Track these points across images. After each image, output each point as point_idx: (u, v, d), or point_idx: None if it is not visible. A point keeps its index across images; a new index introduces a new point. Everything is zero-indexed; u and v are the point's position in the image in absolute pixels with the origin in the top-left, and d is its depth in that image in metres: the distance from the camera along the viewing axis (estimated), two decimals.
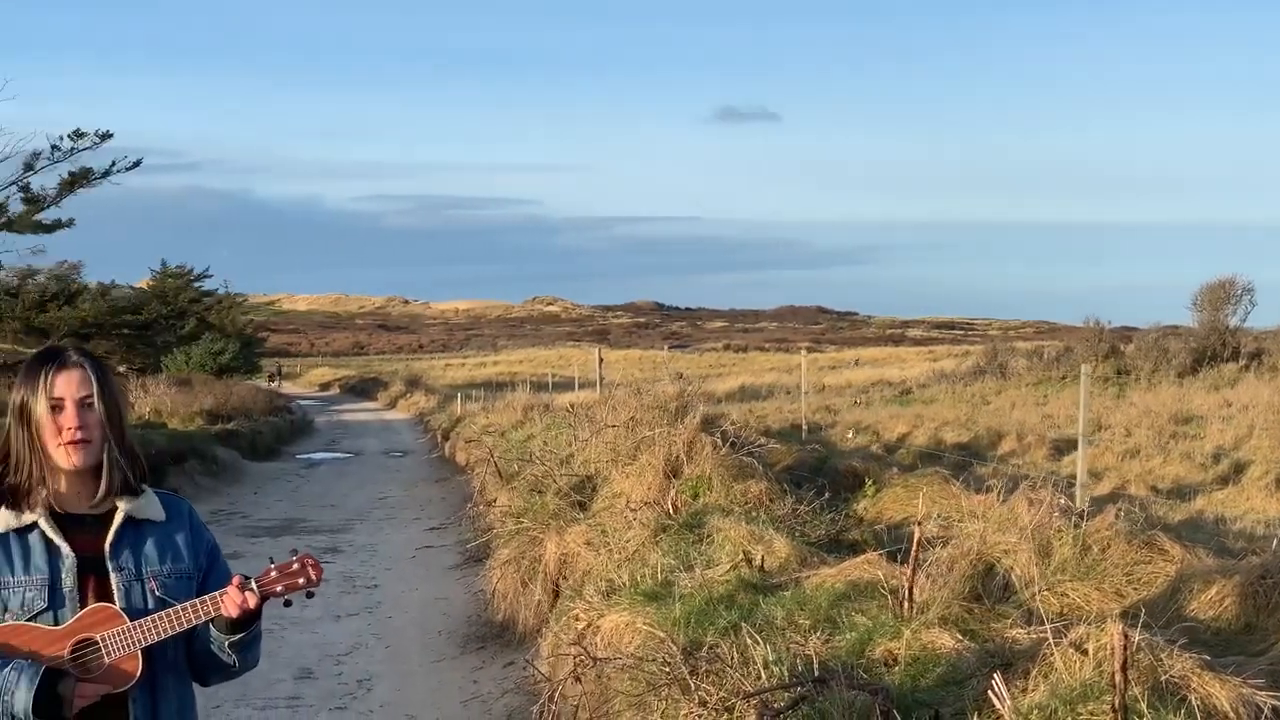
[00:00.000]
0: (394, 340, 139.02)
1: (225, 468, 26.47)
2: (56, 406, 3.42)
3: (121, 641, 3.34)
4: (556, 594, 9.68)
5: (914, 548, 6.43)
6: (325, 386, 74.43)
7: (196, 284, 60.77)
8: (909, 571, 6.40)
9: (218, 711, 8.56)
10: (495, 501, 14.45)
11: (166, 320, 52.79)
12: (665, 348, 64.76)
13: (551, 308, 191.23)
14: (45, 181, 34.00)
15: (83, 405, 3.44)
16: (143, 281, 59.19)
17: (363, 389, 67.70)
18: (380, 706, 8.89)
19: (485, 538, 12.72)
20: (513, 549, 10.71)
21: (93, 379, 3.47)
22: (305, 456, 33.20)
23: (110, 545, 3.45)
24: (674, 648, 5.80)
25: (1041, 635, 5.49)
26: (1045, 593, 6.79)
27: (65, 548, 3.41)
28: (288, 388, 64.38)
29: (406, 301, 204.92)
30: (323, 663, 9.95)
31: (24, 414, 3.45)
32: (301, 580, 3.55)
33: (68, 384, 3.44)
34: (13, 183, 33.79)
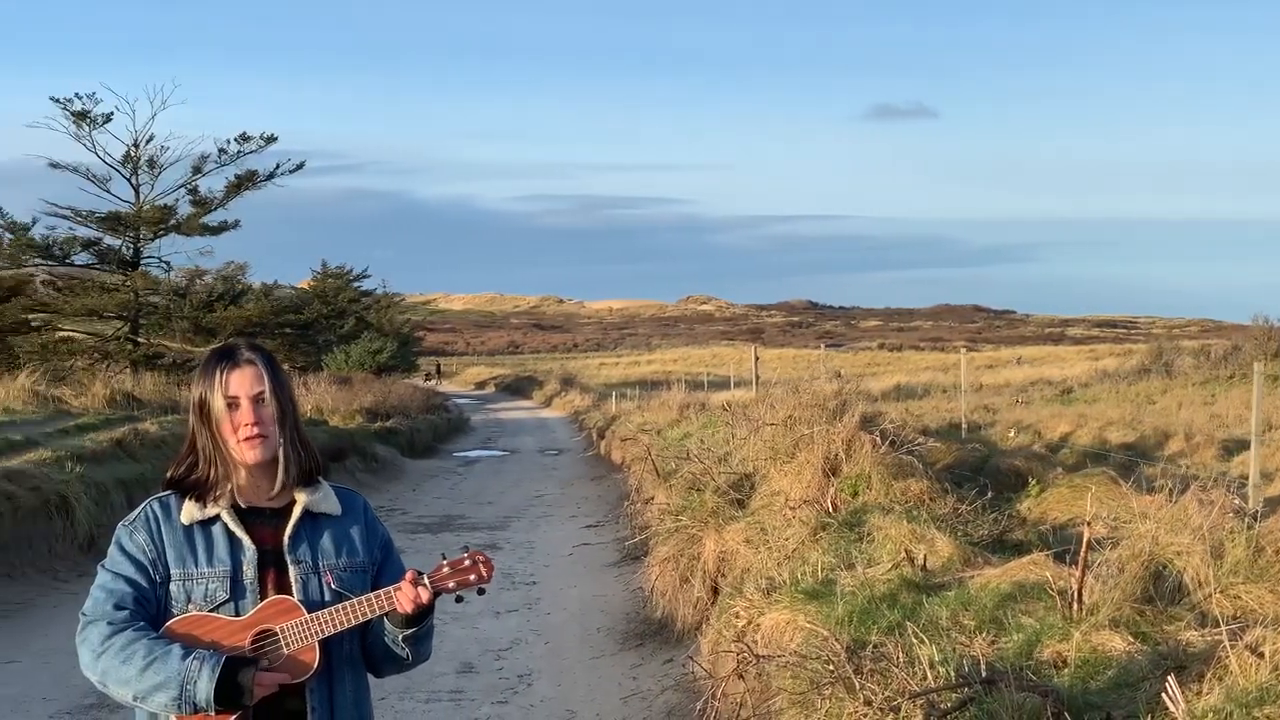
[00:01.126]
0: (548, 339, 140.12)
1: (384, 465, 26.90)
2: (232, 404, 3.49)
3: (300, 633, 3.40)
4: (715, 591, 9.67)
5: (1083, 548, 6.31)
6: (481, 385, 75.23)
7: (356, 284, 61.86)
8: (1078, 572, 6.28)
9: (383, 704, 8.70)
10: (653, 499, 14.48)
11: (327, 320, 53.84)
12: (822, 346, 64.36)
13: (705, 307, 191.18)
14: (212, 184, 34.90)
15: (257, 401, 3.50)
16: (304, 282, 60.40)
17: (518, 387, 68.33)
18: (541, 701, 8.96)
19: (643, 535, 12.75)
20: (671, 546, 10.72)
21: (265, 375, 3.54)
22: (462, 454, 33.61)
23: (289, 538, 3.52)
24: (838, 646, 5.76)
25: (1216, 638, 5.36)
26: (1218, 595, 6.62)
27: (246, 540, 3.48)
28: (444, 386, 65.21)
29: (561, 301, 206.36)
30: (484, 657, 10.06)
31: (203, 411, 3.52)
32: (473, 576, 3.59)
33: (241, 381, 3.51)
34: (181, 186, 34.73)
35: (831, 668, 5.63)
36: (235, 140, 34.18)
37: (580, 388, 57.31)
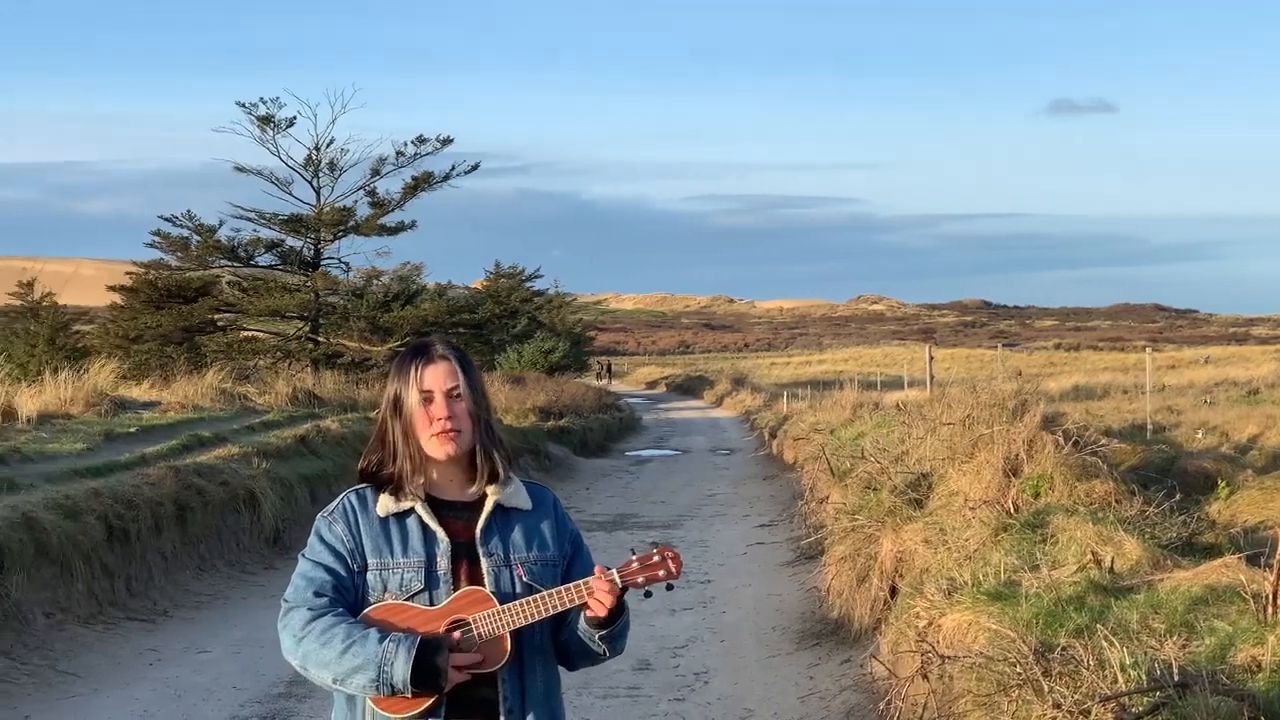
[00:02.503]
0: (719, 339, 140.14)
1: (558, 463, 27.16)
2: (426, 399, 3.56)
3: (492, 624, 3.46)
4: (892, 592, 9.59)
5: (1278, 552, 6.13)
6: (652, 385, 75.50)
7: (528, 284, 62.51)
8: (1273, 576, 6.10)
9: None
10: (827, 498, 14.40)
11: (500, 319, 54.49)
12: (999, 346, 63.43)
13: (876, 306, 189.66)
14: (390, 186, 35.50)
15: (451, 397, 3.57)
16: (477, 282, 61.26)
17: (688, 387, 68.44)
18: (718, 699, 8.97)
19: (818, 535, 12.69)
20: (848, 546, 10.66)
21: (459, 371, 3.60)
22: (634, 453, 33.77)
23: (481, 531, 3.58)
24: (1025, 648, 5.67)
25: None
26: None
27: (440, 532, 3.55)
28: (615, 386, 65.54)
29: (731, 300, 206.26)
30: (660, 655, 10.09)
31: (397, 406, 3.60)
32: (661, 572, 3.60)
33: (435, 377, 3.57)
34: (360, 188, 35.38)
35: (1019, 669, 5.55)
36: (412, 143, 34.76)
37: (751, 387, 57.23)
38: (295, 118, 34.14)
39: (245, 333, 36.44)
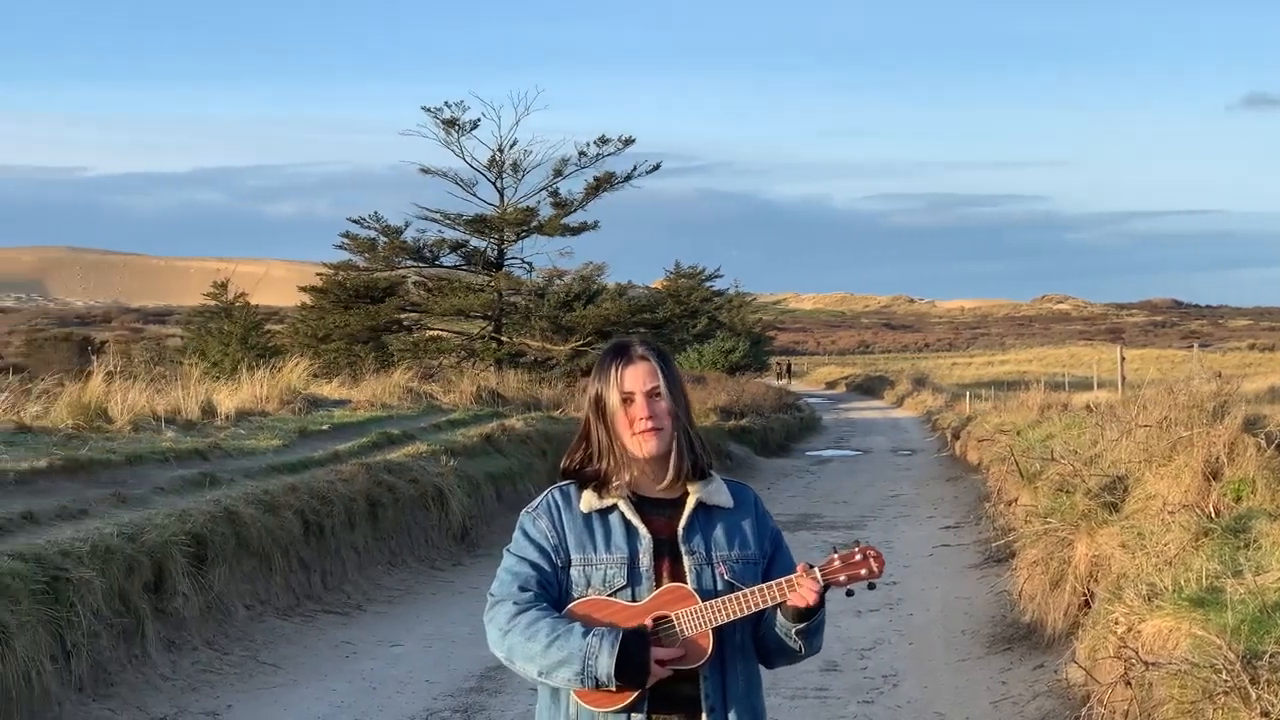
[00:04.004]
0: (899, 339, 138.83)
1: (738, 463, 27.13)
2: (627, 399, 3.60)
3: (694, 620, 3.47)
4: (1087, 597, 9.40)
5: None
6: (831, 384, 75.03)
7: (707, 284, 62.48)
8: None
9: None
10: (1015, 501, 14.17)
11: (680, 319, 54.52)
12: (1194, 346, 61.79)
13: (1061, 306, 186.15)
14: (572, 186, 35.78)
15: (651, 396, 3.60)
16: (657, 282, 61.37)
17: (868, 387, 67.85)
18: (907, 702, 8.87)
19: (1007, 538, 12.48)
20: (1040, 549, 10.47)
21: (659, 371, 3.64)
22: (814, 453, 33.60)
23: (683, 529, 3.60)
24: (1231, 655, 5.51)
25: None
26: None
27: (643, 529, 3.58)
28: (795, 385, 65.26)
29: (912, 300, 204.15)
30: (848, 656, 10.02)
31: (599, 406, 3.65)
32: (864, 570, 3.60)
33: (636, 377, 3.61)
34: (543, 188, 35.74)
35: (1225, 677, 5.40)
36: (594, 143, 34.98)
37: (932, 388, 56.52)
38: (479, 120, 34.59)
39: (430, 332, 37.03)
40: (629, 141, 35.08)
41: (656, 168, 35.51)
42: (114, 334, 78.10)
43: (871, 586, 3.65)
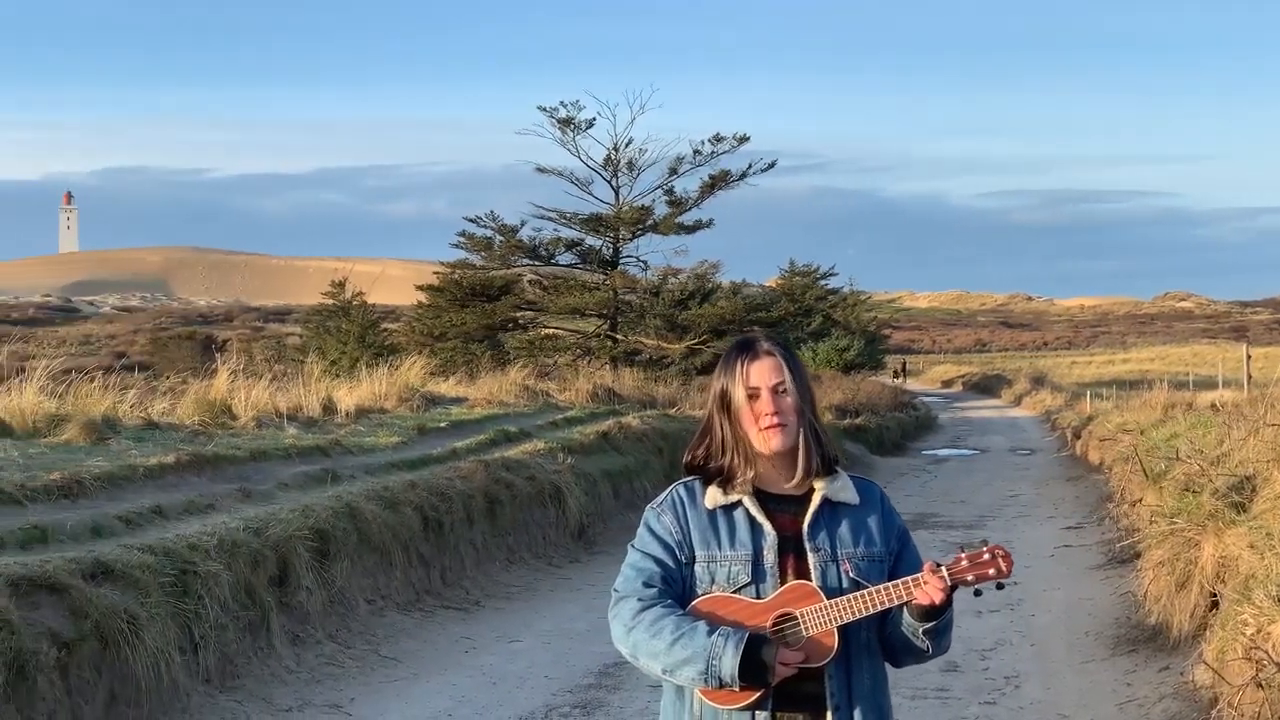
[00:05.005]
0: (1016, 337, 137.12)
1: (854, 462, 26.96)
2: (753, 394, 3.58)
3: (819, 618, 3.45)
4: (1214, 598, 9.22)
5: None
6: (948, 383, 74.37)
7: (822, 282, 62.21)
8: None
9: None
10: (1139, 501, 13.93)
11: (794, 317, 54.29)
12: None
13: (1184, 303, 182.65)
14: (687, 185, 35.79)
15: (776, 392, 3.58)
16: (770, 280, 61.21)
17: (985, 386, 67.18)
18: (1030, 704, 8.76)
19: (1131, 538, 12.28)
20: (1165, 550, 10.28)
21: (784, 367, 3.62)
22: (931, 452, 33.34)
23: (808, 526, 3.58)
24: None
25: None
26: None
27: (767, 525, 3.56)
28: (910, 384, 64.77)
29: (1030, 298, 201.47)
30: (968, 657, 9.91)
31: (724, 401, 3.63)
32: (992, 570, 3.55)
33: (761, 372, 3.59)
34: (658, 187, 35.79)
35: None
36: (709, 141, 34.96)
37: (1051, 386, 55.85)
38: (594, 119, 34.74)
39: (546, 330, 37.23)
40: (744, 139, 35.04)
41: (772, 165, 35.43)
42: (235, 332, 79.46)
43: (1000, 586, 3.60)
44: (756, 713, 3.46)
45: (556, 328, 37.63)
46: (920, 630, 3.51)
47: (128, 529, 8.77)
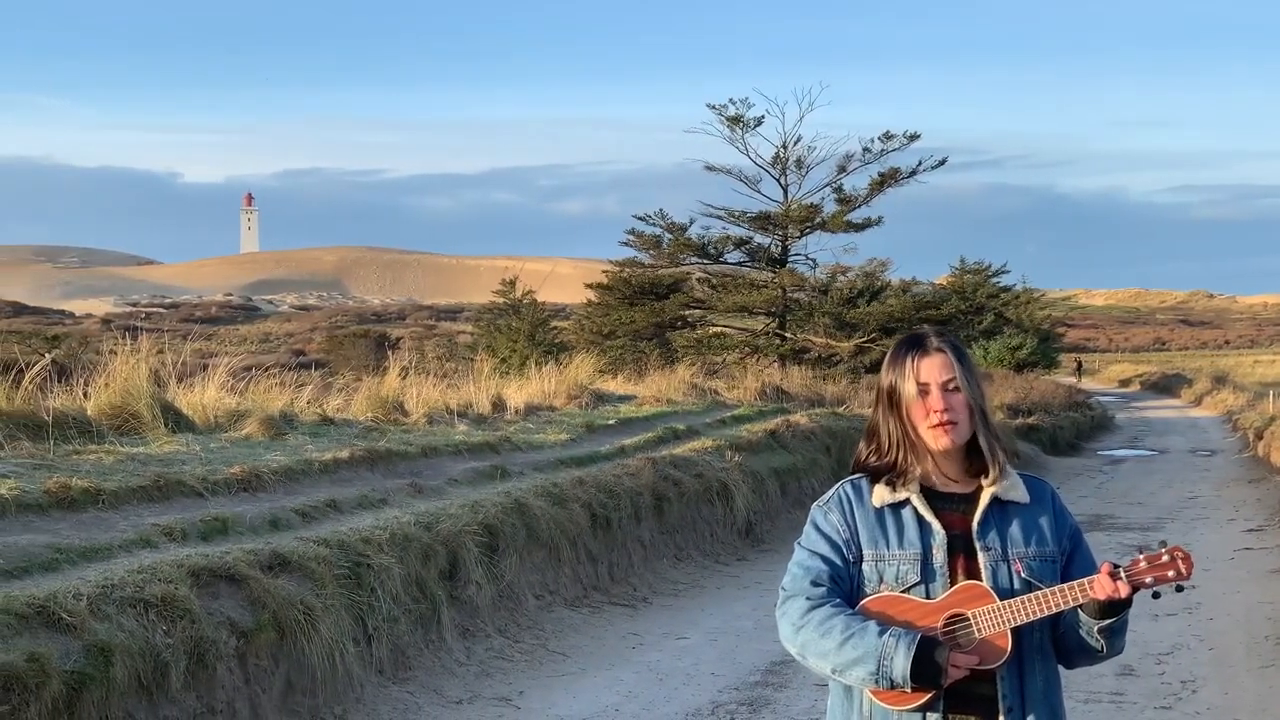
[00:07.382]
0: (1197, 336, 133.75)
1: (1026, 462, 26.52)
2: (923, 390, 3.53)
3: (992, 619, 3.39)
4: None
5: None
6: (1125, 383, 72.74)
7: (994, 280, 61.32)
8: None
9: None
10: None
11: (965, 315, 53.62)
12: None
13: None
14: (856, 182, 35.58)
15: (947, 389, 3.53)
16: (941, 278, 60.49)
17: (1164, 386, 65.59)
18: (1207, 709, 8.54)
19: None
20: None
21: (955, 363, 3.56)
22: (1107, 453, 32.70)
23: (978, 525, 3.52)
24: None
25: None
26: None
27: (936, 524, 3.51)
28: (1086, 383, 63.53)
29: (1211, 296, 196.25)
30: (1143, 661, 9.69)
31: (893, 398, 3.58)
32: (1171, 572, 3.46)
33: (931, 369, 3.54)
34: (827, 185, 35.64)
35: None
36: (879, 139, 34.73)
37: (1233, 386, 54.33)
38: (763, 117, 34.72)
39: (714, 329, 37.26)
40: (914, 137, 34.73)
41: (943, 162, 35.08)
42: (408, 330, 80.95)
43: (1179, 589, 3.50)
44: (928, 714, 3.41)
45: (725, 326, 37.66)
46: (1096, 628, 3.43)
47: (304, 522, 8.97)
